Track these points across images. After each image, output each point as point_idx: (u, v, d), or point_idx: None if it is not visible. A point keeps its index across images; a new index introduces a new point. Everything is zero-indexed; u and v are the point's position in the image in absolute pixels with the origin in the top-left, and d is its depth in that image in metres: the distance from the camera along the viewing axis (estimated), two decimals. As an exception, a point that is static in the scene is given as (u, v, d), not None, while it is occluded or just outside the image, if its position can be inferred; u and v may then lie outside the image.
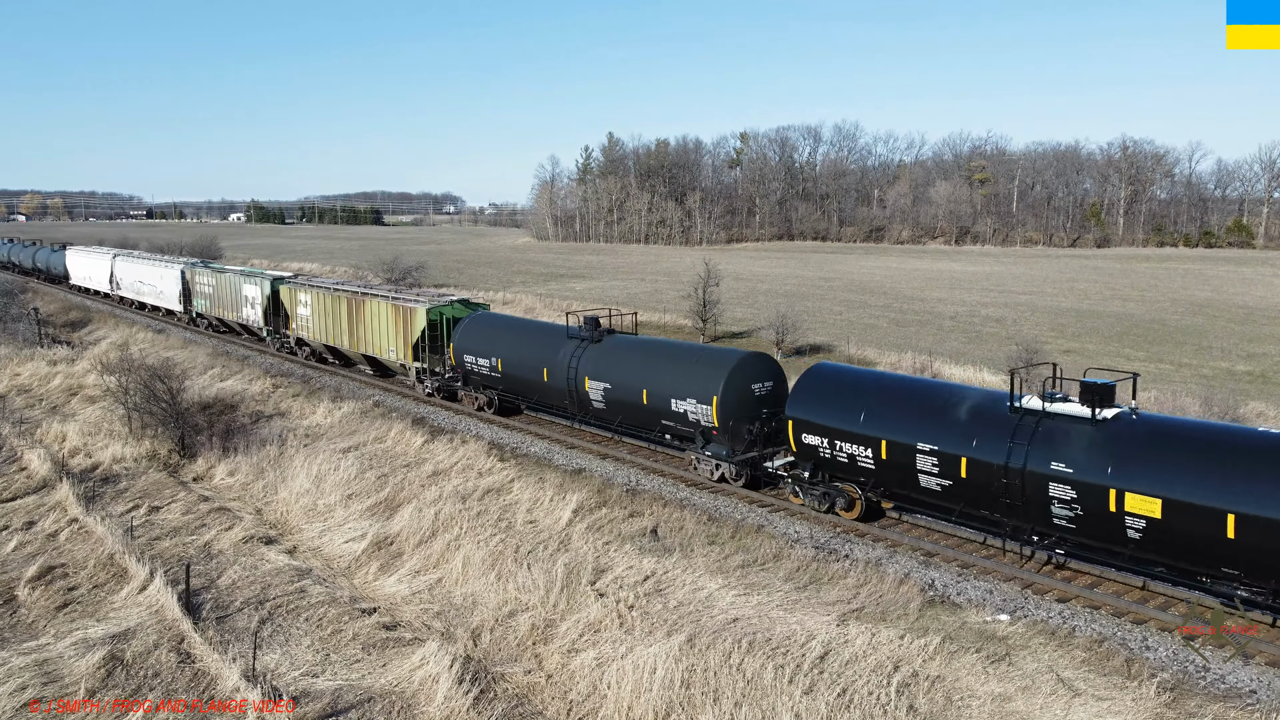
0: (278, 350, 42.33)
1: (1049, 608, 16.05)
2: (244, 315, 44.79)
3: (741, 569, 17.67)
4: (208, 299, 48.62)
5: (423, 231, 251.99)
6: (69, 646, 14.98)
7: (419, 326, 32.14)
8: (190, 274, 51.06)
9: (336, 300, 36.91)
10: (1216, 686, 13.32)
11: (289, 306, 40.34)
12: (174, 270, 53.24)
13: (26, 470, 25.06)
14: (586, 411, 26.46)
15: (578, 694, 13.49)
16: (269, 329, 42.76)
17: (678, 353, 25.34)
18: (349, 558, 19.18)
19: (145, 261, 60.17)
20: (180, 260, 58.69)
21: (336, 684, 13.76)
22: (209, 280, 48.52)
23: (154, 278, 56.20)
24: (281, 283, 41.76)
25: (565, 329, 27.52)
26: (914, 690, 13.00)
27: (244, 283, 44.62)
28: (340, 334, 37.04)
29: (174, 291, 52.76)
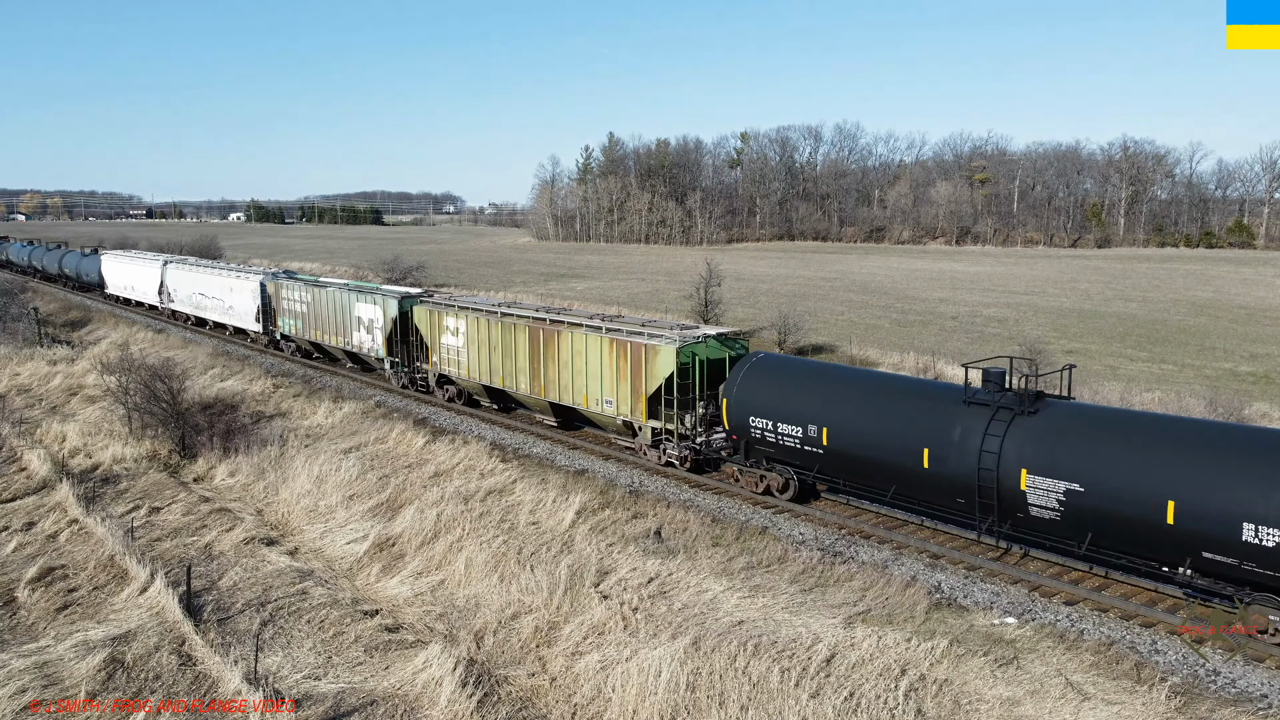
0: (403, 387, 34.25)
1: (1056, 610, 15.93)
2: (355, 341, 36.17)
3: (746, 571, 17.56)
4: (299, 318, 39.85)
5: (423, 231, 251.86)
6: (69, 649, 14.87)
7: (661, 371, 23.19)
8: (274, 288, 42.11)
9: (510, 329, 28.05)
10: (1227, 691, 13.20)
11: (427, 333, 31.79)
12: (250, 282, 44.36)
13: (26, 471, 24.94)
14: (1016, 520, 17.19)
15: (582, 697, 13.38)
16: (393, 360, 34.19)
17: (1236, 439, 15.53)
18: (351, 559, 19.07)
19: (209, 271, 50.50)
20: (257, 270, 48.36)
21: (339, 687, 13.65)
22: (302, 296, 39.52)
23: (220, 290, 47.51)
24: (415, 302, 33.02)
25: (960, 389, 18.39)
26: (922, 694, 12.88)
27: (357, 301, 35.70)
28: (514, 374, 28.18)
29: (249, 308, 44.35)
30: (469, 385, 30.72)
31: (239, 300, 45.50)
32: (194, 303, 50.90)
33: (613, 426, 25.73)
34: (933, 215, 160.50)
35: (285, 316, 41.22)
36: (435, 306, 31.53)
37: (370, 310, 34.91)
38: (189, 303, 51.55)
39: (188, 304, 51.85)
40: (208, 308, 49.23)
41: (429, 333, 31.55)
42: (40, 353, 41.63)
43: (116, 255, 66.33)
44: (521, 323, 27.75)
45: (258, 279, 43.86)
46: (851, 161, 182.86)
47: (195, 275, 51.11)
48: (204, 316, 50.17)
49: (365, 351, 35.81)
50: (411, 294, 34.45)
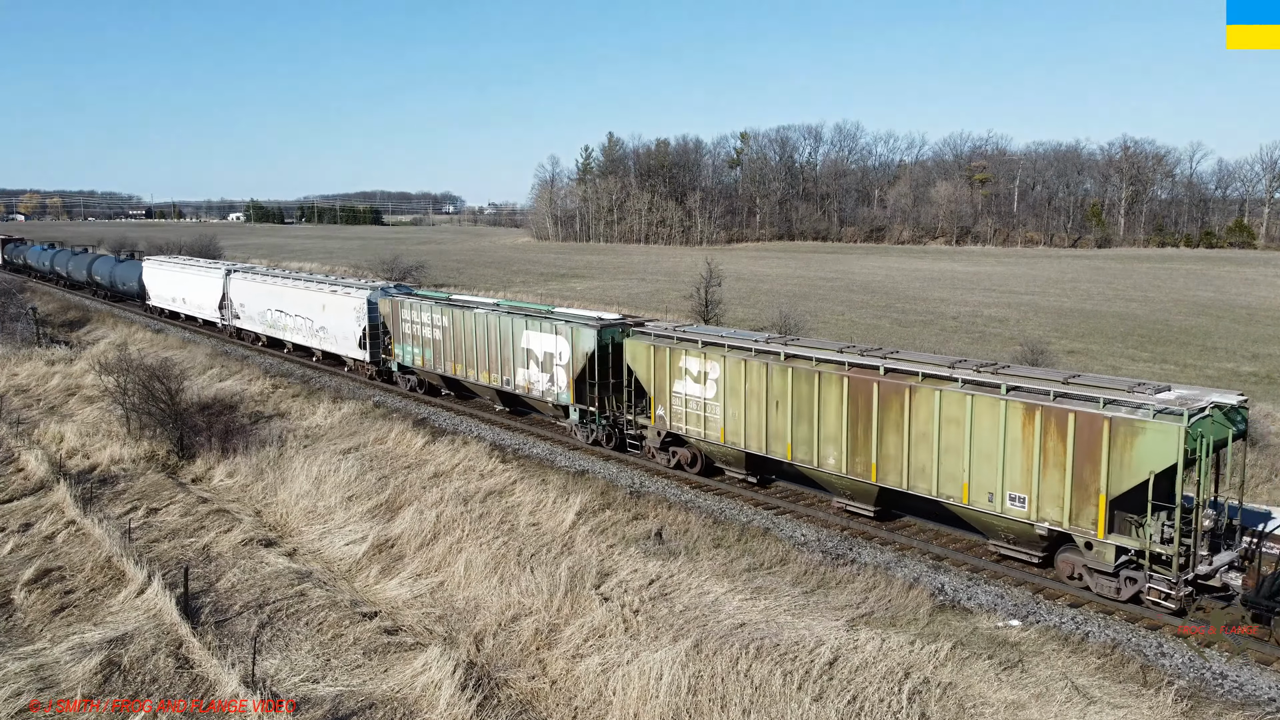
0: (594, 443, 26.26)
1: (1061, 613, 15.80)
2: (520, 381, 28.06)
3: (748, 573, 17.44)
4: (428, 347, 31.89)
5: (422, 231, 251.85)
6: (66, 651, 14.74)
7: (1144, 461, 15.13)
8: (389, 307, 33.77)
9: (805, 379, 19.98)
10: (1234, 694, 13.08)
11: (648, 376, 23.74)
12: (353, 299, 36.04)
13: (24, 471, 24.82)
14: None
15: (582, 700, 13.26)
16: (584, 409, 26.11)
17: None
18: (349, 560, 18.95)
19: (293, 284, 41.63)
20: (363, 285, 39.29)
21: (337, 690, 13.52)
22: (434, 319, 31.40)
23: (308, 307, 39.31)
24: (621, 334, 25.17)
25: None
26: (925, 697, 12.76)
27: (526, 328, 27.55)
28: (812, 443, 20.08)
29: (350, 330, 36.13)
30: (722, 452, 22.55)
31: (336, 321, 37.01)
32: (269, 321, 42.54)
33: (1023, 536, 17.26)
34: (933, 215, 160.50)
35: (407, 344, 32.85)
36: (662, 342, 23.44)
37: (548, 341, 26.58)
38: (262, 321, 43.33)
39: (260, 322, 43.61)
40: (288, 328, 41.00)
41: (650, 375, 23.59)
42: (38, 353, 41.50)
43: (162, 262, 57.66)
44: (831, 371, 19.55)
45: (363, 296, 35.49)
46: (851, 161, 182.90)
47: (272, 288, 42.46)
48: (281, 338, 42.03)
49: (536, 394, 27.57)
50: (611, 322, 26.31)
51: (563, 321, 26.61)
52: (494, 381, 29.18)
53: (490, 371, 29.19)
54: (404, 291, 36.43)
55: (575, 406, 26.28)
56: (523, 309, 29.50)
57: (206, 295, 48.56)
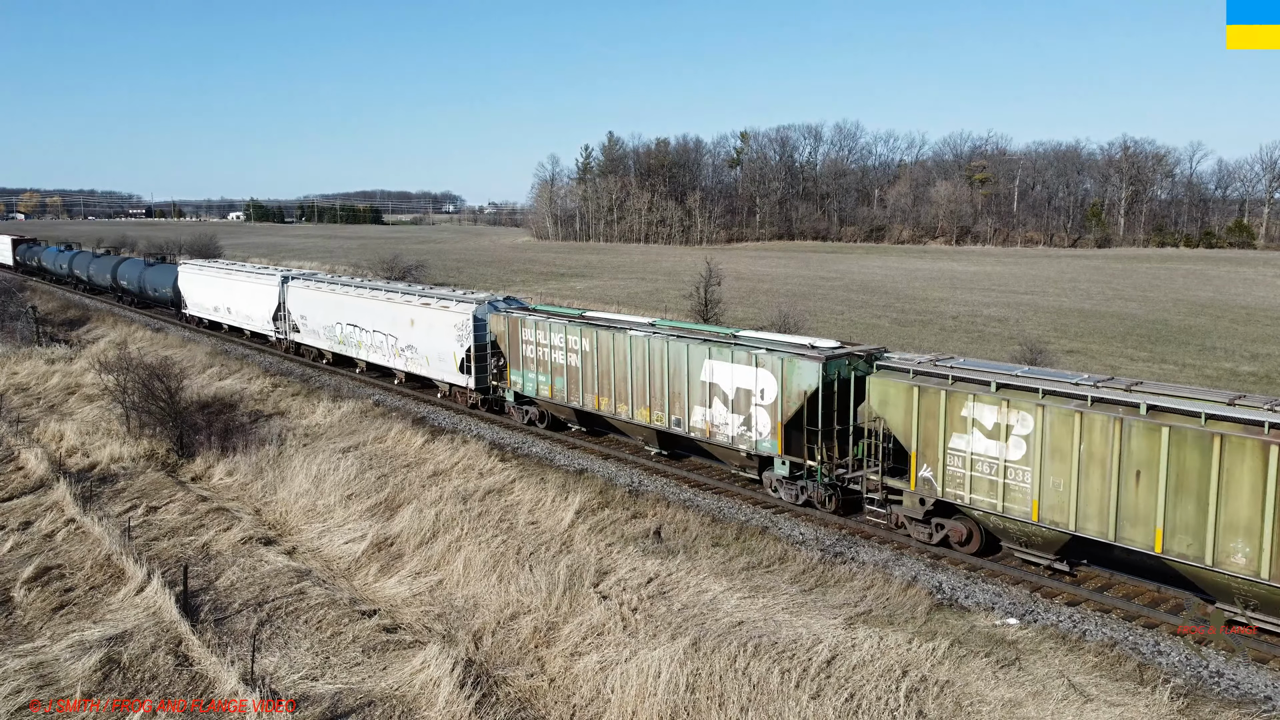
0: (804, 504, 21.14)
1: (1058, 611, 15.84)
2: (702, 422, 22.52)
3: (746, 571, 17.47)
4: (563, 374, 26.20)
5: (422, 230, 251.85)
6: (65, 649, 14.78)
7: None
8: (504, 325, 28.11)
9: (1200, 444, 14.59)
10: (1231, 693, 13.11)
11: (908, 426, 18.19)
12: (451, 314, 30.62)
13: (23, 469, 24.85)
14: None
15: (581, 698, 13.29)
16: (794, 461, 20.67)
17: None
18: (349, 559, 18.98)
19: (368, 296, 35.96)
20: (466, 298, 31.72)
21: (336, 687, 13.56)
22: (566, 340, 25.90)
23: (389, 321, 34.20)
24: (861, 369, 20.01)
25: None
26: (923, 695, 12.79)
27: (711, 358, 22.07)
28: (1221, 535, 14.56)
29: (447, 350, 30.85)
30: (1029, 531, 17.06)
31: (430, 339, 31.84)
32: (338, 336, 37.58)
33: None
34: (933, 215, 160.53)
35: (528, 369, 27.50)
36: (931, 382, 17.76)
37: (743, 375, 21.21)
38: (328, 336, 38.38)
39: (326, 337, 38.65)
40: (363, 345, 36.07)
41: (910, 425, 18.06)
42: (38, 351, 41.54)
43: (202, 267, 52.86)
44: (1240, 435, 14.21)
45: (467, 310, 29.91)
46: (851, 161, 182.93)
47: (343, 299, 37.28)
48: (353, 356, 37.09)
49: (721, 440, 22.08)
50: (838, 351, 20.39)
51: (764, 350, 20.90)
52: (655, 420, 23.76)
53: (650, 408, 23.76)
54: (518, 306, 30.75)
55: (784, 458, 20.71)
56: (699, 332, 23.90)
57: (257, 305, 43.53)
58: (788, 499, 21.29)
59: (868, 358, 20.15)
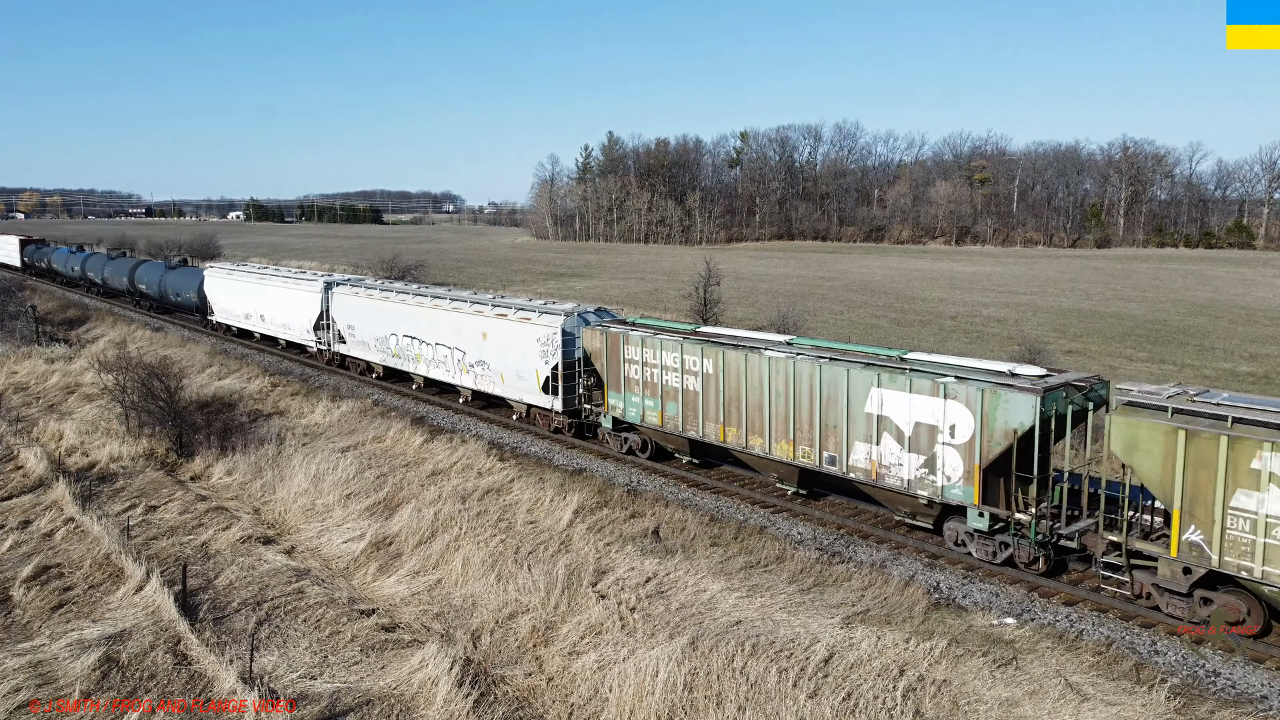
0: (997, 561, 17.76)
1: (1055, 611, 15.88)
2: (865, 460, 19.09)
3: (744, 571, 17.49)
4: (677, 399, 22.92)
5: (422, 230, 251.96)
6: (64, 647, 14.80)
7: None
8: (606, 342, 24.69)
9: None
10: (1227, 692, 13.15)
11: (1170, 478, 14.86)
12: (539, 328, 26.91)
13: (23, 469, 24.87)
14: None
15: (579, 697, 13.32)
16: (994, 513, 17.47)
17: None
18: (347, 558, 19.01)
19: (431, 304, 32.49)
20: (550, 308, 28.35)
21: (335, 686, 13.58)
22: (689, 361, 22.44)
23: (461, 335, 30.45)
24: (1094, 402, 17.37)
25: None
26: (920, 695, 12.82)
27: (879, 385, 18.57)
28: None
29: (528, 366, 27.33)
30: None
31: (506, 354, 28.31)
32: (392, 348, 34.42)
33: None
34: (932, 215, 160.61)
35: (630, 392, 24.19)
36: (1209, 425, 14.43)
37: (925, 407, 17.73)
38: (381, 348, 35.18)
39: (378, 350, 35.40)
40: (423, 359, 32.73)
41: (1175, 475, 14.75)
42: (38, 351, 41.55)
43: (230, 271, 49.44)
44: None
45: (554, 323, 26.42)
46: (851, 161, 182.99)
47: (400, 309, 33.85)
48: (409, 370, 33.94)
49: (893, 483, 18.63)
50: (1056, 382, 17.11)
51: (954, 379, 17.51)
52: (800, 456, 20.30)
53: (794, 442, 20.32)
54: (613, 319, 27.04)
55: (980, 509, 17.44)
56: (853, 354, 20.25)
57: (296, 313, 40.18)
58: (980, 555, 17.89)
59: (1086, 388, 17.23)
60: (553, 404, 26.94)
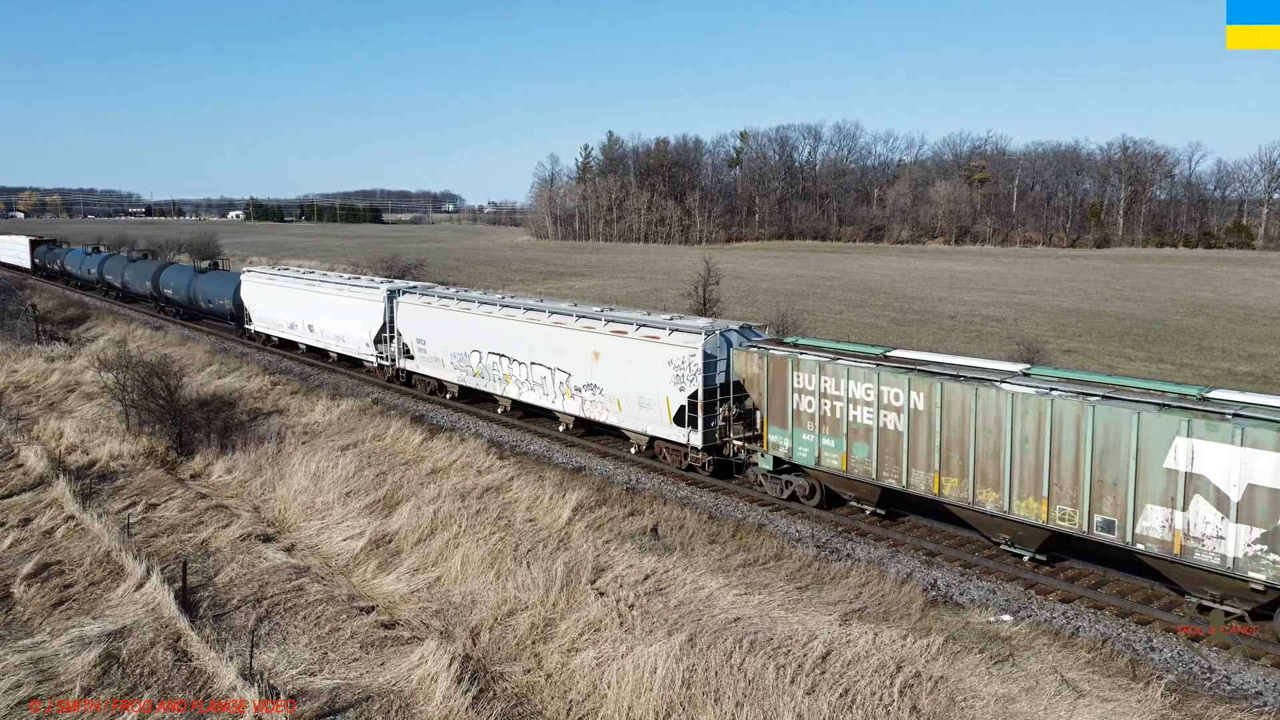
0: None
1: (1052, 608, 15.94)
2: (1163, 529, 15.15)
3: (743, 568, 17.55)
4: (869, 439, 19.12)
5: (422, 230, 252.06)
6: (65, 644, 14.86)
7: None
8: (767, 366, 20.87)
9: None
10: (1222, 688, 13.22)
11: None
12: (673, 348, 22.89)
13: (23, 467, 24.92)
14: None
15: (578, 693, 13.38)
16: None
17: None
18: (347, 556, 19.06)
19: (524, 316, 28.30)
20: (678, 322, 24.61)
21: (334, 683, 13.64)
22: (887, 395, 18.71)
23: (565, 352, 26.33)
24: None
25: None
26: (917, 691, 12.88)
27: (1190, 434, 14.67)
28: None
29: (659, 392, 23.22)
30: None
31: (622, 377, 24.35)
32: (472, 365, 30.28)
33: None
34: (932, 215, 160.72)
35: (799, 427, 20.29)
36: None
37: (1263, 466, 14.08)
38: (459, 365, 31.02)
39: (454, 366, 31.25)
40: (510, 377, 28.62)
41: None
42: (38, 350, 41.60)
43: (272, 276, 44.57)
44: None
45: (689, 343, 22.48)
46: (851, 161, 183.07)
47: (481, 321, 29.76)
48: (493, 391, 29.83)
49: (1209, 558, 14.76)
50: None
51: None
52: (1058, 519, 16.44)
53: (1048, 501, 16.51)
54: (763, 338, 23.27)
55: None
56: (1130, 390, 16.28)
57: (352, 323, 36.40)
58: None
59: None
60: (688, 438, 22.80)
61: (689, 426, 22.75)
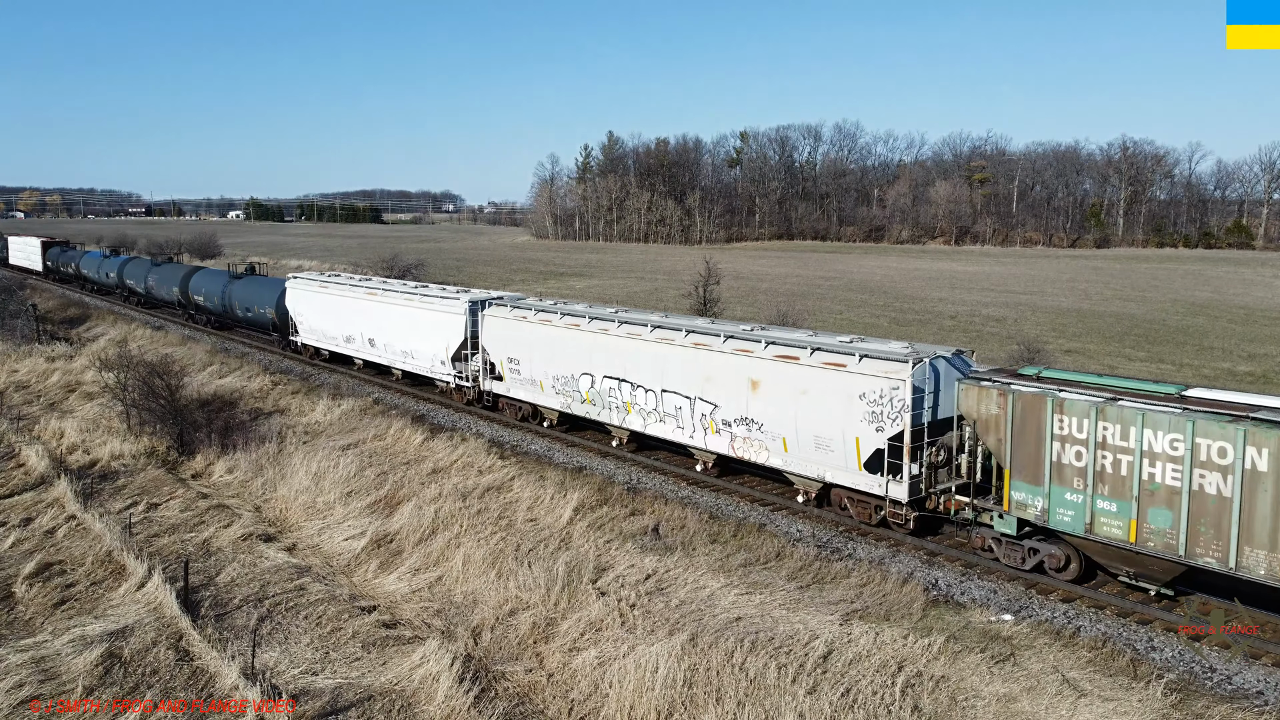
0: None
1: (1053, 608, 15.96)
2: None
3: (744, 568, 17.57)
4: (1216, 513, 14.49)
5: (422, 229, 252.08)
6: (67, 644, 14.86)
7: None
8: (1022, 409, 16.57)
9: None
10: (1223, 687, 13.23)
11: None
12: (865, 379, 19.13)
13: (24, 466, 24.93)
14: None
15: (579, 693, 13.39)
16: None
17: None
18: (348, 555, 19.07)
19: (647, 336, 24.24)
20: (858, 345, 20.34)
21: (336, 682, 13.65)
22: (1229, 448, 14.19)
23: (694, 378, 22.80)
24: None
25: None
26: (918, 690, 12.90)
27: None
28: None
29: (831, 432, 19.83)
30: None
31: (791, 413, 20.55)
32: (581, 391, 26.20)
33: None
34: (932, 215, 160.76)
35: (1062, 484, 16.35)
36: None
37: None
38: (563, 389, 26.80)
39: (558, 391, 27.00)
40: (632, 405, 24.71)
41: None
42: (39, 349, 41.60)
43: (325, 284, 39.46)
44: None
45: (894, 373, 18.62)
46: (851, 161, 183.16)
47: (596, 341, 25.61)
48: (606, 421, 25.83)
49: None
50: None
51: None
52: None
53: None
54: (987, 369, 19.38)
55: None
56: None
57: (424, 338, 32.46)
58: None
59: None
60: (885, 488, 18.97)
61: (887, 474, 18.86)
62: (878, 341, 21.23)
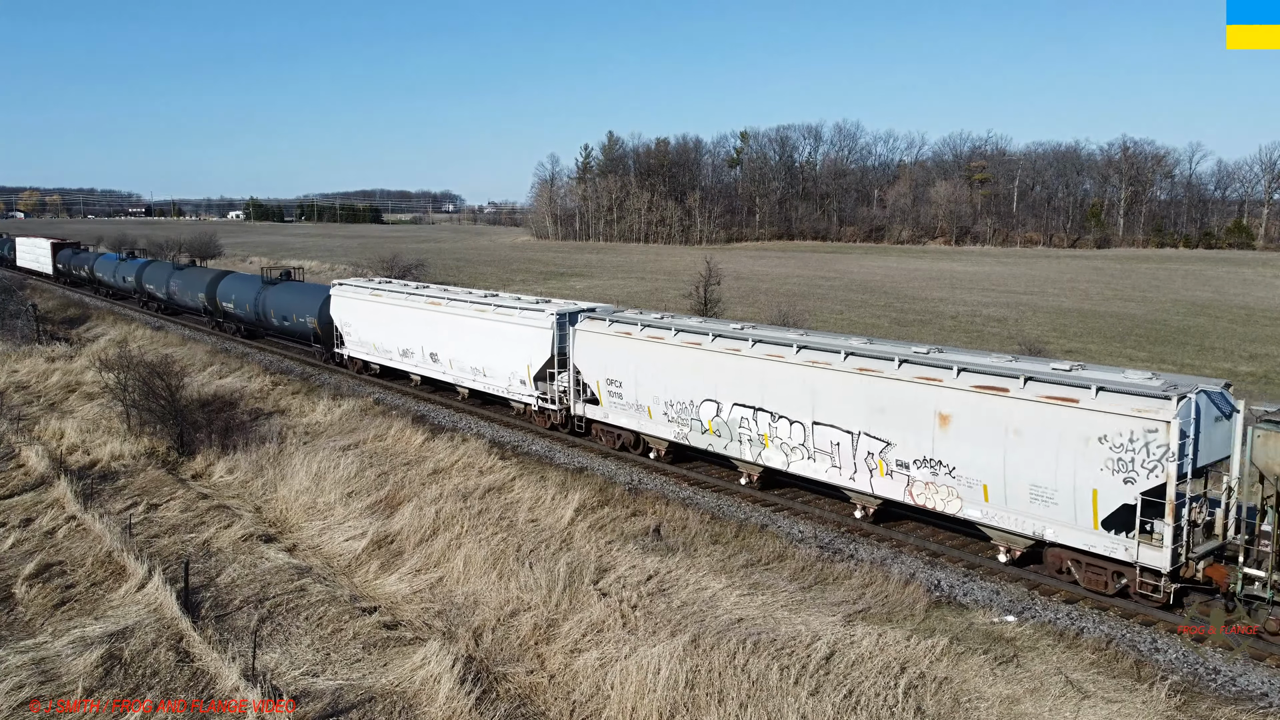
0: None
1: (1056, 609, 15.91)
2: None
3: (745, 569, 17.52)
4: None
5: (422, 230, 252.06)
6: (67, 645, 14.83)
7: None
8: None
9: None
10: (1227, 689, 13.19)
11: None
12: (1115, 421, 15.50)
13: (24, 467, 24.89)
14: None
15: (581, 694, 13.34)
16: None
17: None
18: (349, 556, 19.02)
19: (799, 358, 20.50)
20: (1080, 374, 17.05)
21: (337, 683, 13.61)
22: None
23: (900, 419, 18.58)
24: None
25: None
26: (921, 692, 12.85)
27: None
28: None
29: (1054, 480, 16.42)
30: None
31: (999, 457, 17.17)
32: (702, 421, 22.85)
33: None
34: (932, 215, 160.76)
35: None
36: None
37: None
38: (679, 418, 23.51)
39: (673, 419, 23.68)
40: (770, 440, 21.35)
41: None
42: (39, 350, 41.56)
43: (377, 291, 35.78)
44: None
45: (1151, 412, 15.28)
46: (851, 161, 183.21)
47: (724, 363, 22.16)
48: (734, 456, 22.56)
49: None
50: None
51: None
52: None
53: None
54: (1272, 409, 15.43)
55: None
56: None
57: (502, 354, 28.96)
58: None
59: None
60: (1136, 553, 15.71)
61: (1139, 537, 15.64)
62: (1105, 370, 18.14)
